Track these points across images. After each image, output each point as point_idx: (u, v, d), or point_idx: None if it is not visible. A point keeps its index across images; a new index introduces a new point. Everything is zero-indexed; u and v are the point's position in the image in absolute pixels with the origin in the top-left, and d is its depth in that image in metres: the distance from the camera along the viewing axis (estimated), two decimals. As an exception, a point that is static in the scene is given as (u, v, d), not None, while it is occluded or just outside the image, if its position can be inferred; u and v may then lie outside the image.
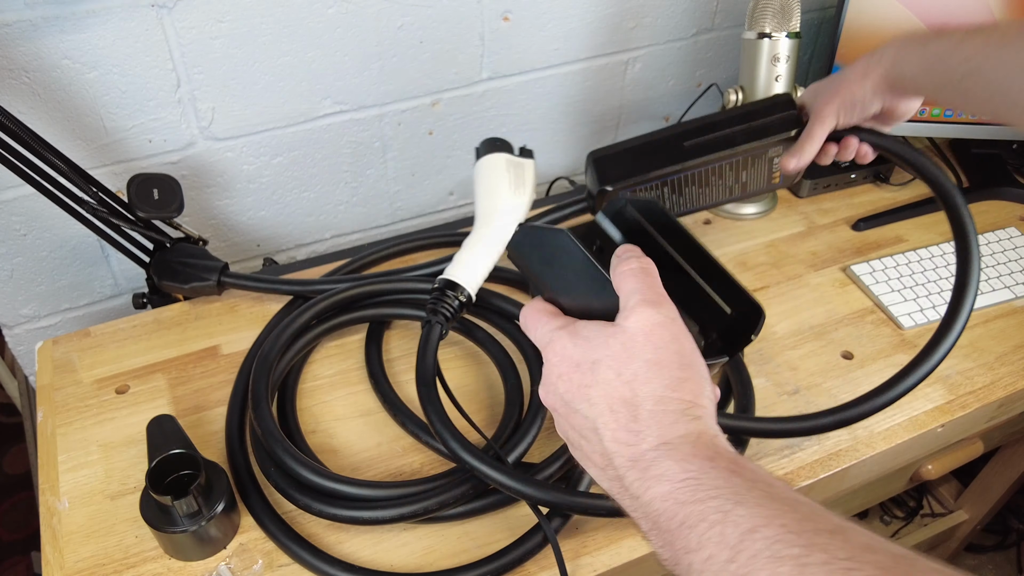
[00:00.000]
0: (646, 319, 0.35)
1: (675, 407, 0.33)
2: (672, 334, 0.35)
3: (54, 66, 0.71)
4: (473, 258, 0.68)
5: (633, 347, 0.35)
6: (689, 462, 0.32)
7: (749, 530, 0.29)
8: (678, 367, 0.34)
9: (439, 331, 0.64)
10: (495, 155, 0.74)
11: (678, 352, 0.34)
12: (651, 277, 0.37)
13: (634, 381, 0.34)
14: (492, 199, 0.71)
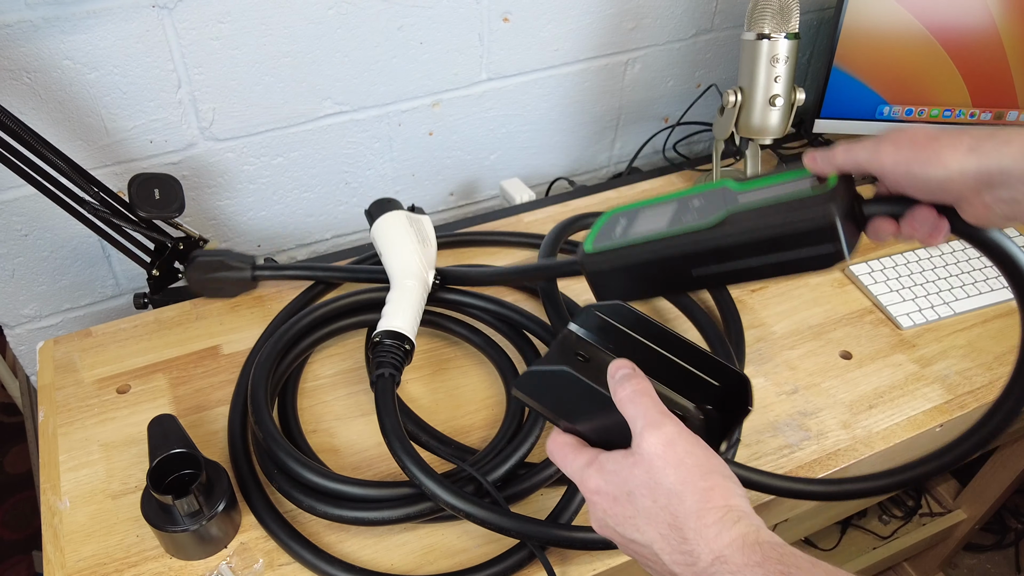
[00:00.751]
0: (655, 442, 0.38)
1: (714, 517, 0.36)
2: (684, 449, 0.37)
3: (55, 67, 0.71)
4: (405, 309, 0.68)
5: (655, 472, 0.37)
6: (742, 573, 0.34)
7: None
8: (701, 477, 0.36)
9: (392, 382, 0.63)
10: (393, 213, 0.77)
11: (696, 464, 0.37)
12: (647, 397, 0.40)
13: (670, 505, 0.37)
14: (405, 254, 0.73)
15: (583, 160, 1.10)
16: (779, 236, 0.44)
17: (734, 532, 0.35)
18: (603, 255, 0.52)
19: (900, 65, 0.92)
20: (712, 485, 0.36)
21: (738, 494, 0.37)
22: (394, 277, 0.72)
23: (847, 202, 0.43)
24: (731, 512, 0.36)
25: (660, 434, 0.38)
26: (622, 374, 0.41)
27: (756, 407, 0.71)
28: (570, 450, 0.43)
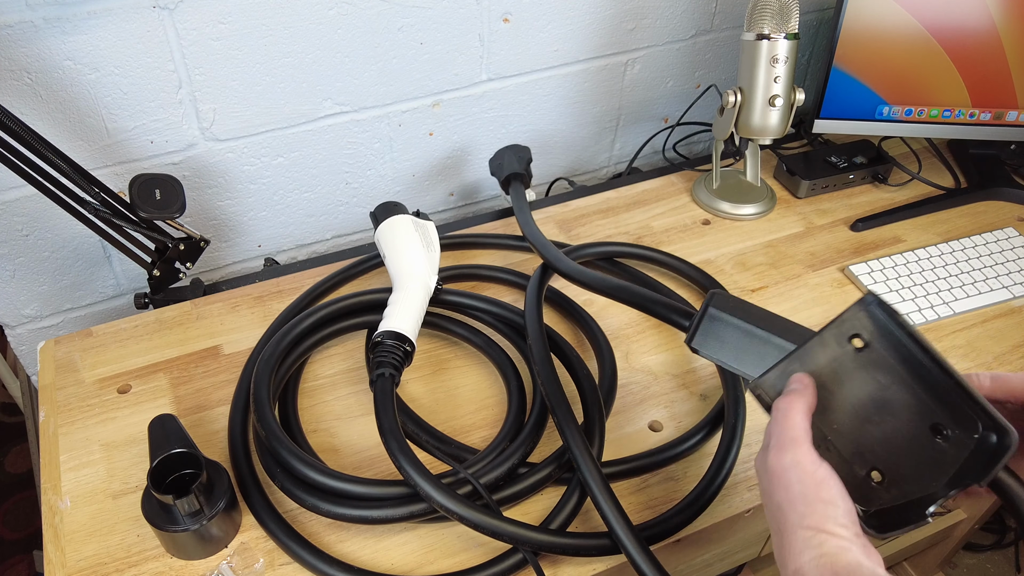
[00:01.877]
0: (773, 464, 0.42)
1: (803, 536, 0.39)
2: (797, 477, 0.41)
3: (56, 67, 0.71)
4: (407, 311, 0.68)
5: (768, 486, 0.43)
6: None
7: None
8: (803, 503, 0.40)
9: (392, 382, 0.63)
10: (399, 217, 0.77)
11: (801, 493, 0.40)
12: (795, 416, 0.43)
13: (776, 516, 0.42)
14: (409, 257, 0.74)
15: (583, 160, 1.10)
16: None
17: (816, 551, 0.38)
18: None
19: (900, 65, 0.92)
20: (811, 512, 0.40)
21: (838, 522, 0.39)
22: (397, 279, 0.72)
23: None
24: (820, 534, 0.39)
25: (782, 457, 0.42)
26: (794, 388, 0.45)
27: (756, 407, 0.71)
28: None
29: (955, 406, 0.41)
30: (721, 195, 0.97)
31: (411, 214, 0.79)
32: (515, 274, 0.83)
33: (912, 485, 0.41)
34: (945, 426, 0.41)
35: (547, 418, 0.67)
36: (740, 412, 0.67)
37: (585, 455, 0.59)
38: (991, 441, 0.39)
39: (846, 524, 0.40)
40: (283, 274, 0.86)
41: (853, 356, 0.44)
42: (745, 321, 0.51)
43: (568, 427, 0.60)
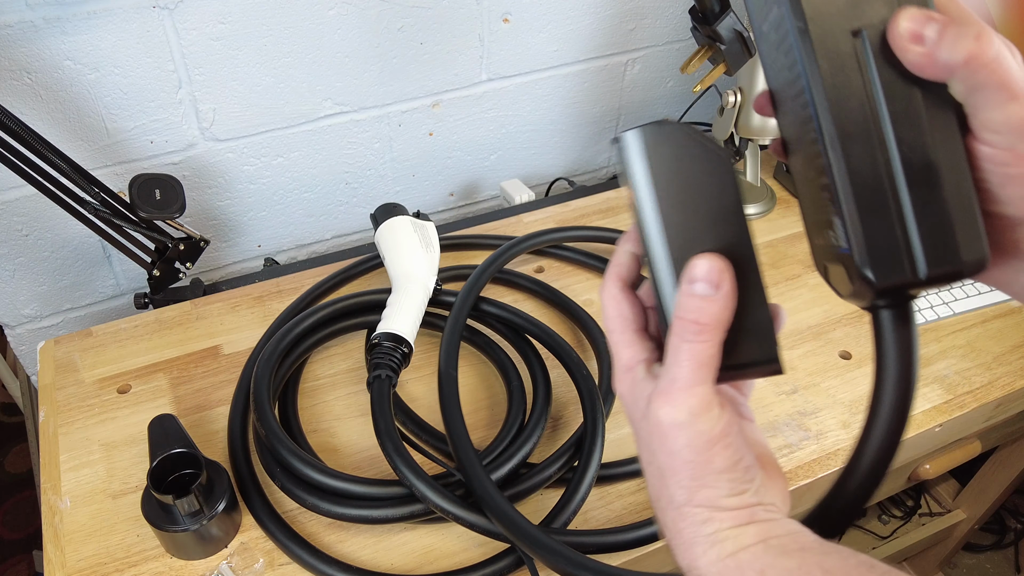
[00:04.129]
0: (659, 414, 0.32)
1: (692, 520, 0.32)
2: (685, 440, 0.31)
3: (56, 67, 0.71)
4: (406, 312, 0.68)
5: (651, 442, 0.33)
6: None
7: None
8: (690, 476, 0.32)
9: (389, 384, 0.63)
10: (399, 218, 0.77)
11: (690, 461, 0.32)
12: (709, 346, 0.31)
13: (654, 476, 0.33)
14: (408, 259, 0.73)
15: (583, 160, 1.10)
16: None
17: (716, 550, 0.31)
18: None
19: (899, 65, 0.92)
20: (701, 486, 0.32)
21: (734, 491, 0.32)
22: (396, 280, 0.72)
23: None
24: (713, 516, 0.31)
25: (675, 409, 0.31)
26: (706, 288, 0.31)
27: (757, 407, 0.71)
28: (625, 329, 0.35)
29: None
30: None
31: (411, 215, 0.79)
32: (515, 274, 0.83)
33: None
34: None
35: (547, 418, 0.67)
36: None
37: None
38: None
39: (744, 490, 0.32)
40: (283, 274, 0.86)
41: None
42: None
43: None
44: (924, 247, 0.30)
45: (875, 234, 0.30)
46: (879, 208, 0.30)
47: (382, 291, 0.74)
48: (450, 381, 0.65)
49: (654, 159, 0.32)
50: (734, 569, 0.30)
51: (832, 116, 0.30)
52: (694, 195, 0.32)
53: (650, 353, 0.34)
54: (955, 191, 0.30)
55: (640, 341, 0.35)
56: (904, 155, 0.30)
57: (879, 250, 0.30)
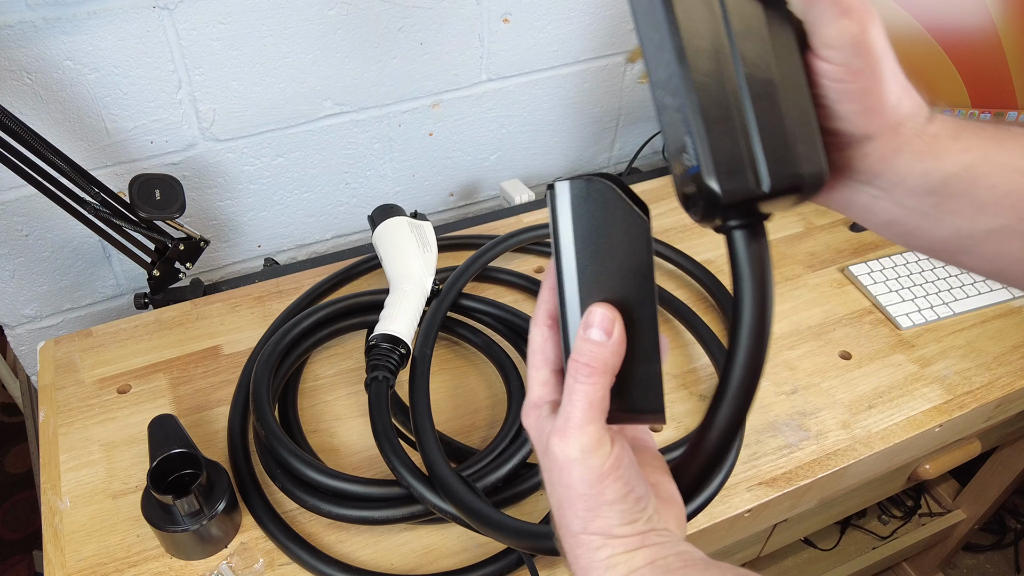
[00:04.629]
0: (556, 451, 0.34)
1: (588, 547, 0.34)
2: (579, 475, 0.33)
3: (56, 67, 0.71)
4: (403, 313, 0.68)
5: (547, 470, 0.35)
6: None
7: None
8: (584, 507, 0.34)
9: (386, 385, 0.63)
10: (396, 219, 0.77)
11: (583, 495, 0.33)
12: (599, 389, 0.33)
13: (556, 506, 0.35)
14: (405, 259, 0.74)
15: (583, 161, 1.10)
16: None
17: (602, 569, 0.33)
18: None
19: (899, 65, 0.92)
20: (594, 516, 0.33)
21: (625, 519, 0.33)
22: (393, 281, 0.72)
23: None
24: (607, 544, 0.33)
25: (567, 446, 0.33)
26: (600, 334, 0.33)
27: (757, 407, 0.71)
28: (543, 366, 0.37)
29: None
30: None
31: (409, 215, 0.79)
32: (515, 275, 0.83)
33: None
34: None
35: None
36: None
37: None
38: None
39: (636, 519, 0.34)
40: (283, 274, 0.86)
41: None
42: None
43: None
44: (767, 160, 0.31)
45: (720, 148, 0.31)
46: (724, 123, 0.31)
47: (382, 291, 0.74)
48: (423, 360, 0.66)
49: (579, 211, 0.34)
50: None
51: (681, 34, 0.31)
52: (609, 250, 0.34)
53: (559, 396, 0.36)
54: (795, 106, 0.32)
55: (553, 382, 0.37)
56: (748, 71, 0.31)
57: (724, 164, 0.31)
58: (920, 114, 0.33)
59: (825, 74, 0.32)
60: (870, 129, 0.33)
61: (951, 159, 0.33)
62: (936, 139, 0.33)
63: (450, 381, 0.74)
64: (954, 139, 0.33)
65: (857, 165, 0.34)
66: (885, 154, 0.33)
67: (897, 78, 0.32)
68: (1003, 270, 0.35)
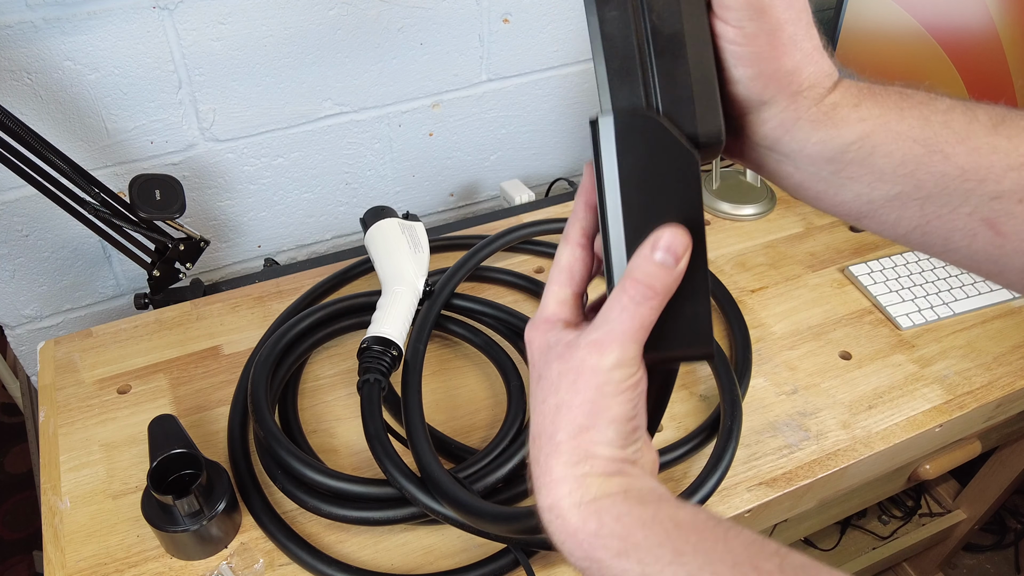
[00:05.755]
0: (585, 359, 0.32)
1: (565, 459, 0.32)
2: (596, 383, 0.32)
3: (56, 67, 0.71)
4: (395, 315, 0.68)
5: (559, 381, 0.33)
6: (575, 539, 0.31)
7: None
8: (585, 416, 0.32)
9: (379, 388, 0.63)
10: (387, 221, 0.77)
11: (591, 401, 0.32)
12: (643, 330, 0.32)
13: (554, 413, 0.33)
14: (397, 260, 0.74)
15: (583, 161, 1.10)
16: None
17: (579, 493, 0.32)
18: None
19: (899, 65, 0.92)
20: (590, 426, 0.32)
21: (613, 443, 0.32)
22: (385, 283, 0.73)
23: None
24: (586, 461, 0.32)
25: (602, 357, 0.32)
26: (666, 257, 0.31)
27: (757, 407, 0.71)
28: (567, 284, 0.36)
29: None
30: (721, 195, 0.97)
31: (401, 216, 0.79)
32: (515, 275, 0.84)
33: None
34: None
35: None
36: (736, 414, 0.67)
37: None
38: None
39: (624, 445, 0.32)
40: (283, 274, 0.86)
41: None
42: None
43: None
44: (666, 114, 0.32)
45: (620, 99, 0.32)
46: (628, 73, 0.32)
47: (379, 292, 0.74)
48: (416, 361, 0.67)
49: (625, 144, 0.33)
50: (594, 513, 0.31)
51: None
52: (657, 183, 0.33)
53: (574, 319, 0.35)
54: (697, 64, 0.32)
55: (572, 304, 0.36)
56: (653, 23, 0.32)
57: (623, 115, 0.32)
58: (823, 83, 0.33)
59: (723, 35, 0.32)
60: (765, 95, 0.33)
61: (848, 128, 0.33)
62: (835, 108, 0.33)
63: (450, 381, 0.74)
64: (854, 108, 0.33)
65: (756, 130, 0.34)
66: (783, 121, 0.33)
67: (798, 44, 0.32)
68: (904, 236, 0.35)
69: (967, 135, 0.32)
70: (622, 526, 0.30)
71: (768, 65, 0.32)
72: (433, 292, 0.74)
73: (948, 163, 0.32)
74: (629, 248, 0.33)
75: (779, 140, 0.34)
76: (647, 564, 0.29)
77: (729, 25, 0.32)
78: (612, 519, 0.31)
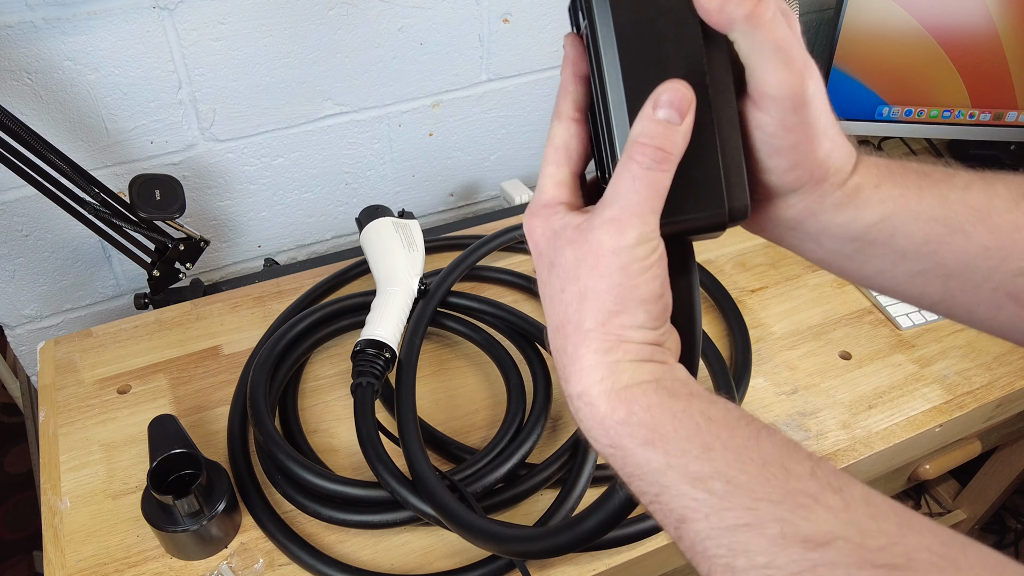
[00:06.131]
0: (603, 239, 0.30)
1: (596, 347, 0.31)
2: (619, 264, 0.30)
3: (56, 67, 0.71)
4: (388, 317, 0.68)
5: (578, 267, 0.31)
6: (602, 426, 0.31)
7: (679, 520, 0.28)
8: (614, 301, 0.31)
9: (372, 391, 0.63)
10: (380, 220, 0.77)
11: (618, 285, 0.31)
12: (660, 197, 0.30)
13: (579, 301, 0.32)
14: (391, 260, 0.74)
15: (583, 160, 1.10)
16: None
17: (610, 380, 0.31)
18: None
19: (899, 66, 0.92)
20: (620, 311, 0.31)
21: (645, 326, 0.31)
22: (379, 284, 0.73)
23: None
24: (618, 347, 0.31)
25: (622, 235, 0.30)
26: (671, 114, 0.30)
27: (757, 407, 0.71)
28: (564, 163, 0.34)
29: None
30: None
31: (396, 214, 0.79)
32: (515, 275, 0.83)
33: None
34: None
35: (547, 418, 0.67)
36: None
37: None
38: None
39: (656, 326, 0.31)
40: (283, 274, 0.86)
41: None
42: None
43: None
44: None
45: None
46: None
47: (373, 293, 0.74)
48: (410, 362, 0.66)
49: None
50: (625, 400, 0.30)
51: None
52: (654, 35, 0.31)
53: (576, 200, 0.34)
54: (729, 144, 0.32)
55: (572, 185, 0.34)
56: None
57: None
58: (845, 167, 0.34)
59: (759, 126, 0.32)
60: (796, 184, 0.33)
61: (870, 210, 0.33)
62: (857, 190, 0.33)
63: (449, 381, 0.74)
64: (875, 189, 0.33)
65: (781, 213, 0.35)
66: (808, 205, 0.34)
67: (828, 132, 0.32)
68: (929, 307, 0.35)
69: (987, 213, 0.32)
70: (651, 416, 0.30)
71: (803, 156, 0.32)
72: (428, 291, 0.74)
73: (970, 242, 0.32)
74: (632, 111, 0.31)
75: (803, 222, 0.34)
76: (673, 456, 0.29)
77: (768, 115, 0.31)
78: (642, 408, 0.30)
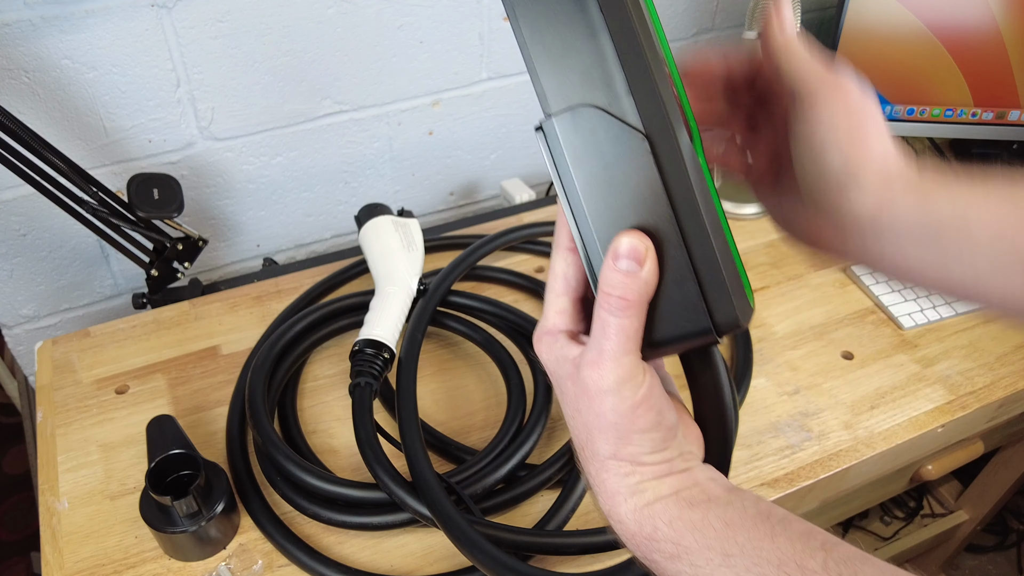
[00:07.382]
0: (589, 379, 0.33)
1: (615, 472, 0.34)
2: (611, 405, 0.33)
3: (54, 66, 0.71)
4: (387, 316, 0.68)
5: (578, 402, 0.34)
6: (639, 546, 0.33)
7: None
8: (615, 434, 0.33)
9: (370, 392, 0.63)
10: (380, 218, 0.76)
11: (615, 424, 0.33)
12: (631, 340, 0.32)
13: (580, 430, 0.35)
14: (390, 260, 0.73)
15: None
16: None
17: (635, 499, 0.33)
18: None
19: (901, 64, 0.92)
20: (625, 443, 0.33)
21: (655, 448, 0.33)
22: (378, 283, 0.72)
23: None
24: (635, 471, 0.33)
25: (602, 377, 0.32)
26: (631, 264, 0.31)
27: (758, 408, 0.71)
28: (564, 292, 0.36)
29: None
30: (723, 194, 0.96)
31: (395, 212, 0.78)
32: (515, 274, 0.83)
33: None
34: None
35: (547, 419, 0.66)
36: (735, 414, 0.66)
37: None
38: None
39: (665, 447, 0.34)
40: (282, 274, 0.86)
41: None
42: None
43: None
44: (711, 305, 0.33)
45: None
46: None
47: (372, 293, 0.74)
48: (409, 362, 0.66)
49: (573, 144, 0.32)
50: (648, 518, 0.33)
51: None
52: (615, 175, 0.32)
53: (576, 326, 0.36)
54: (704, 265, 0.32)
55: (571, 312, 0.36)
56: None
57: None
58: (908, 161, 0.35)
59: (816, 119, 0.35)
60: (861, 177, 0.35)
61: (942, 201, 0.34)
62: (923, 183, 0.34)
63: (450, 381, 0.74)
64: (942, 184, 0.35)
65: (852, 209, 0.36)
66: (879, 199, 0.35)
67: (881, 127, 0.35)
68: (1015, 310, 0.35)
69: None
70: (673, 531, 0.32)
71: (856, 148, 0.34)
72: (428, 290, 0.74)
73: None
74: (605, 251, 0.33)
75: (876, 218, 0.35)
76: (699, 567, 0.31)
77: (821, 109, 0.35)
78: (665, 524, 0.32)
